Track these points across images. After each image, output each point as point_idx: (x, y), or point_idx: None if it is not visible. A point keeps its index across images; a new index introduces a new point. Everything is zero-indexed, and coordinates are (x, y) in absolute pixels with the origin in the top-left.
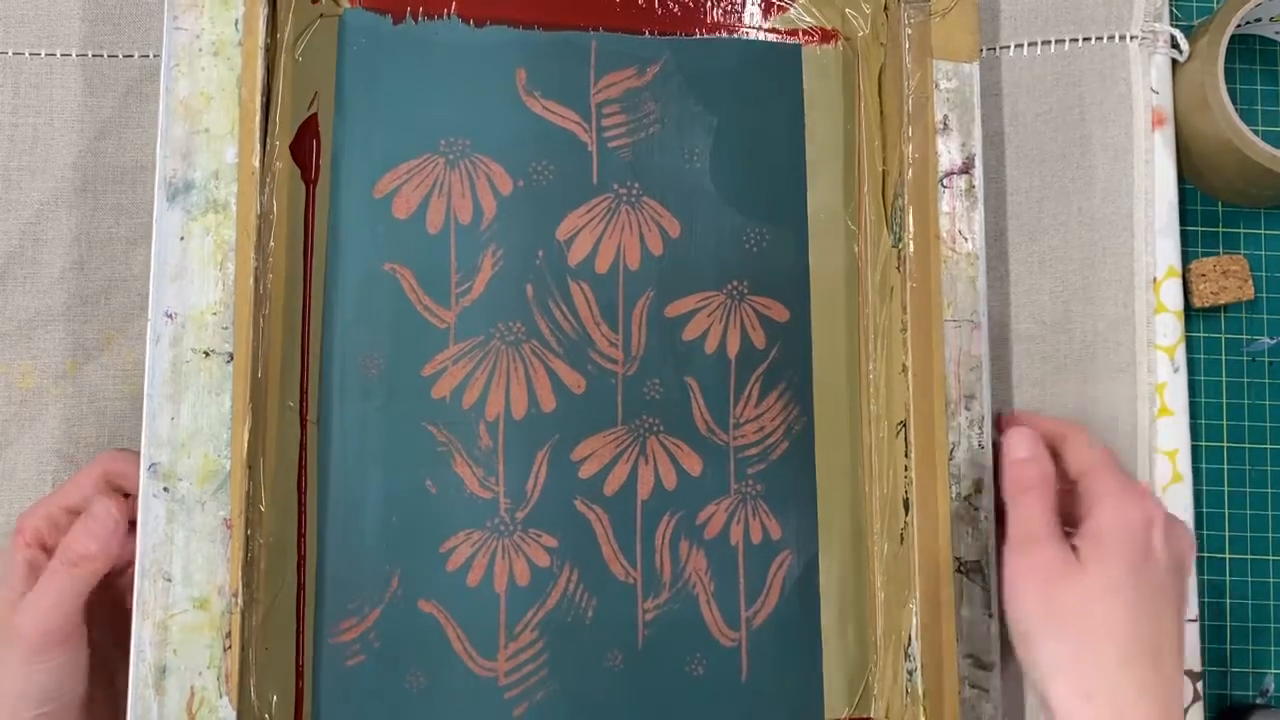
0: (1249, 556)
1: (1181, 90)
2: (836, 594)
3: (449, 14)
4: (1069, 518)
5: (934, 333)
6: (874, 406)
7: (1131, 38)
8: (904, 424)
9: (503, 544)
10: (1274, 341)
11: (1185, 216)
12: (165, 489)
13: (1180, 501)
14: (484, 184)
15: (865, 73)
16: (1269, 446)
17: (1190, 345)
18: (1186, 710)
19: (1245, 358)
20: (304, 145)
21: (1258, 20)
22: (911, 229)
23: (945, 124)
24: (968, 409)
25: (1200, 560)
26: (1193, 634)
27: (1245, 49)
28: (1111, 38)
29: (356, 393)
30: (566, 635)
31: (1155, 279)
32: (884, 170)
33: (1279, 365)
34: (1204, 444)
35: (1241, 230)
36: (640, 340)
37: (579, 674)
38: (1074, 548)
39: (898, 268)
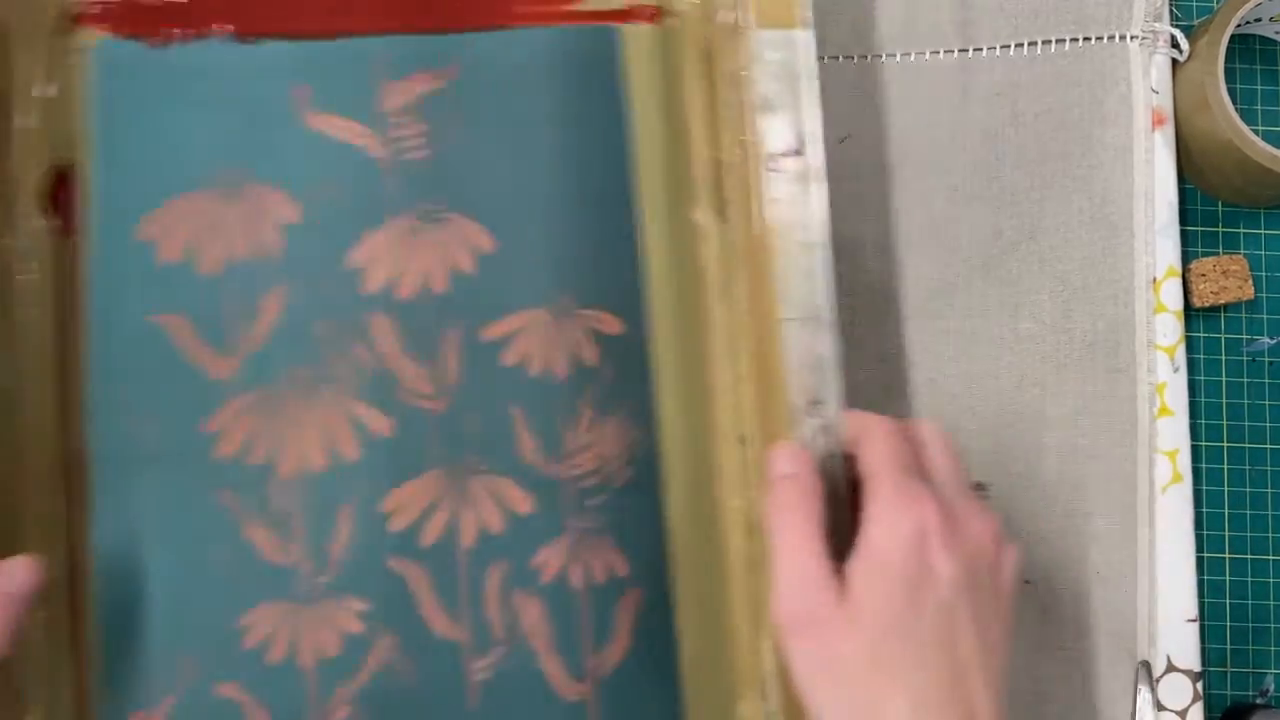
0: (1249, 556)
1: (1181, 90)
2: (695, 632)
3: (215, 32)
4: None
5: (770, 333)
6: (723, 420)
7: (1132, 38)
8: (744, 438)
9: (306, 614)
10: (1274, 341)
11: (1185, 216)
12: None
13: (1180, 501)
14: (264, 216)
15: (691, 51)
16: (1269, 446)
17: (1190, 345)
18: (1186, 710)
19: (1245, 358)
20: (61, 194)
21: (1258, 20)
22: (739, 219)
23: (772, 100)
24: (814, 414)
25: (1200, 560)
26: (1193, 634)
27: (1245, 49)
28: (1112, 38)
29: (132, 463)
30: (387, 707)
31: (1155, 279)
32: (714, 156)
33: (1279, 365)
34: (1204, 444)
35: (1241, 230)
36: (454, 371)
37: None
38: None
39: (731, 264)
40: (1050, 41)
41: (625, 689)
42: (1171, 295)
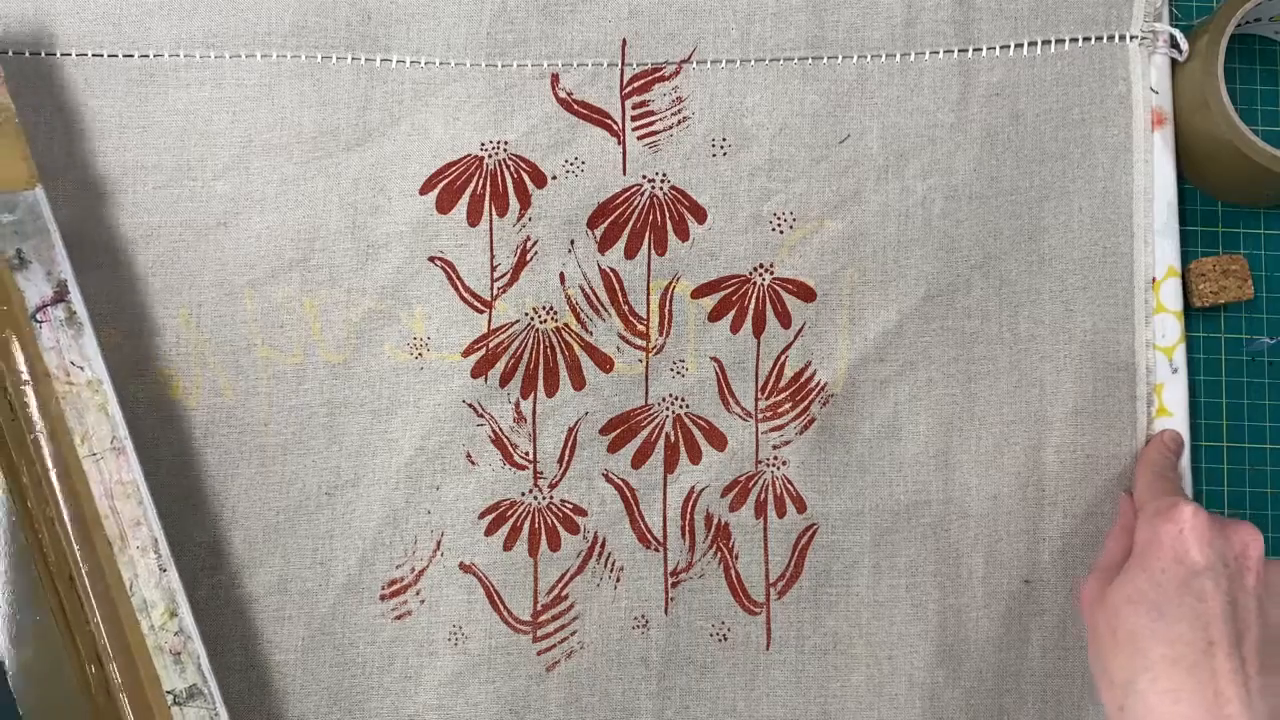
0: None
1: (1181, 90)
2: None
3: None
4: None
5: (75, 474)
6: (51, 566)
7: (1131, 38)
8: (73, 577)
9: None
10: (1274, 341)
11: (1185, 216)
12: None
13: None
14: None
15: None
16: (1269, 446)
17: (1190, 345)
18: None
19: (1245, 358)
20: None
21: (1258, 20)
22: (12, 373)
23: (20, 258)
24: (136, 537)
25: None
26: None
27: (1245, 49)
28: (1111, 38)
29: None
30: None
31: (1155, 279)
32: None
33: (1279, 365)
34: (1204, 444)
35: (1241, 230)
36: None
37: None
38: None
39: (13, 419)
40: (1050, 41)
41: None
42: (1171, 295)
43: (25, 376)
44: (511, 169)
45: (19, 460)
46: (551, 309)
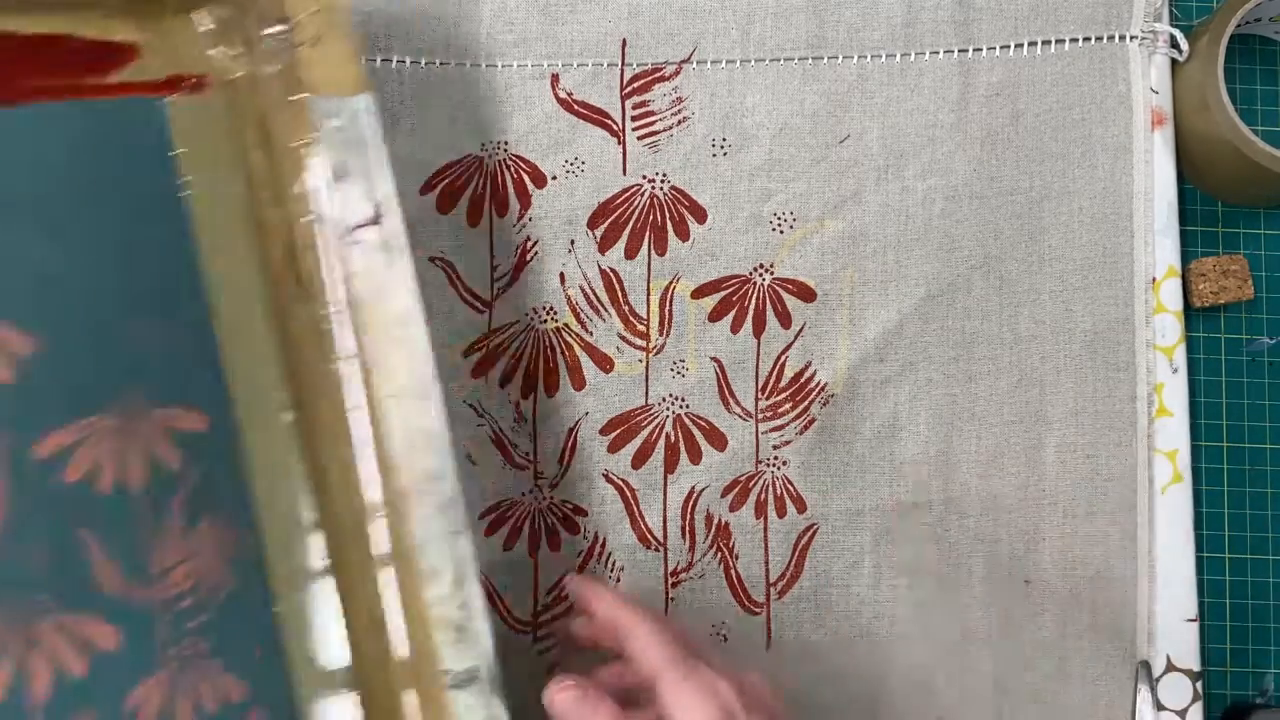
0: (1249, 556)
1: (1181, 90)
2: None
3: None
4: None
5: (377, 414)
6: (340, 506)
7: (1131, 38)
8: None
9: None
10: (1274, 341)
11: (1185, 216)
12: None
13: (1180, 501)
14: None
15: (250, 119)
16: (1269, 446)
17: (1190, 345)
18: (1185, 710)
19: (1245, 358)
20: None
21: (1258, 20)
22: (327, 290)
23: (343, 169)
24: (432, 493)
25: (1200, 560)
26: (1193, 634)
27: (1245, 49)
28: (1111, 38)
29: None
30: None
31: (1155, 279)
32: (287, 233)
33: (1279, 365)
34: (1204, 444)
35: (1241, 230)
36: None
37: None
38: None
39: (319, 343)
40: (1050, 41)
41: None
42: (1171, 295)
43: (334, 302)
44: (511, 169)
45: (315, 394)
46: (551, 309)
